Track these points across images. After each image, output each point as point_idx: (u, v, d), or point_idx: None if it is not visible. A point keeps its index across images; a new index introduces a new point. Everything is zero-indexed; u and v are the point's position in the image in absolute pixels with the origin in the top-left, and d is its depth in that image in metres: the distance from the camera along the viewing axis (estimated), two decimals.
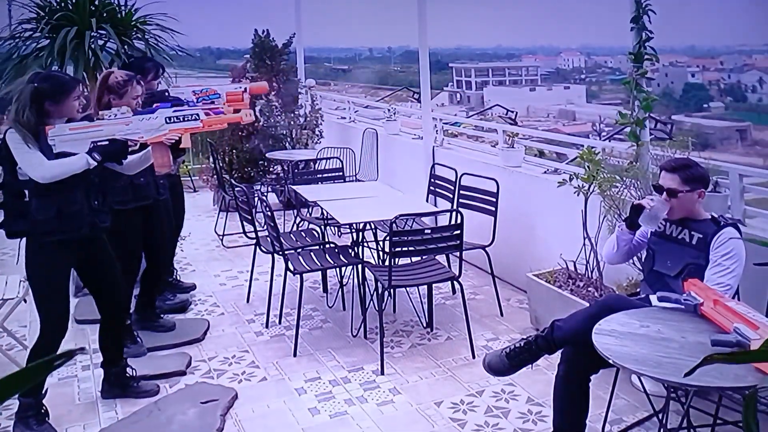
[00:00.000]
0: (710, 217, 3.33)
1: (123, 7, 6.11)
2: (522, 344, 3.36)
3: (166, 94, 4.95)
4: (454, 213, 4.67)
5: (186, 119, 3.77)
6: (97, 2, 5.98)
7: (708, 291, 2.96)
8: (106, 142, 3.60)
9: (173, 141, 3.85)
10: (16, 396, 3.76)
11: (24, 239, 3.68)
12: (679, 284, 3.21)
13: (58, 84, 3.63)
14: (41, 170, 3.46)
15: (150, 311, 4.96)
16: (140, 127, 3.68)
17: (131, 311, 4.80)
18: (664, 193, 3.32)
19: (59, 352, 1.18)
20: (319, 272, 5.49)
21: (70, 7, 5.90)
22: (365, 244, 5.19)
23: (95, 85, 4.48)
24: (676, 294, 3.03)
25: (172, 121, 3.74)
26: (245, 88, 4.87)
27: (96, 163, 3.56)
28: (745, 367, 2.48)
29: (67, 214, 3.59)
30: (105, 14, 6.00)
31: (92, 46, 5.70)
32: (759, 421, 1.41)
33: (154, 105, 4.52)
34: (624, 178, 4.39)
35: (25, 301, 4.37)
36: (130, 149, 3.70)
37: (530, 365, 3.40)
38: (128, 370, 4.14)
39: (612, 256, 3.69)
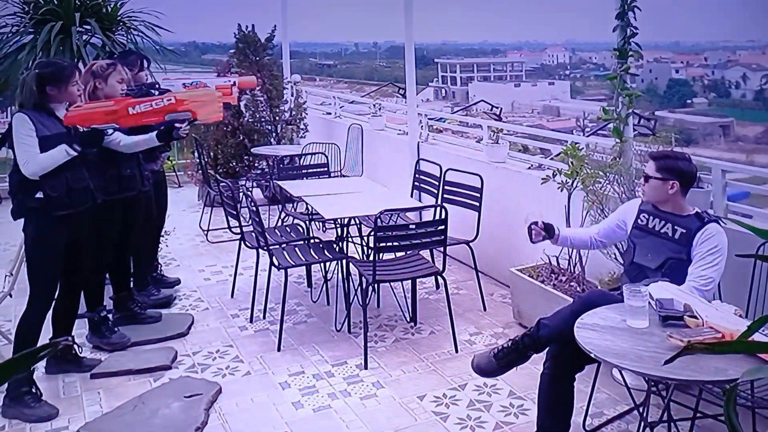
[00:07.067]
0: (694, 212, 3.37)
1: (108, 2, 6.07)
2: (509, 344, 3.37)
3: (157, 86, 4.96)
4: (438, 208, 4.68)
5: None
6: None
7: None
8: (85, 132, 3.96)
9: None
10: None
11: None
12: (658, 276, 3.28)
13: (58, 69, 3.94)
14: (30, 167, 3.76)
15: (132, 306, 4.94)
16: None
17: (112, 310, 4.81)
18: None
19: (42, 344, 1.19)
20: (304, 267, 5.49)
21: (55, 2, 5.86)
22: (350, 239, 5.21)
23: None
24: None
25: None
26: (234, 82, 4.91)
27: (75, 153, 3.84)
28: (725, 361, 2.51)
29: (75, 190, 3.91)
30: (90, 9, 5.96)
31: (77, 41, 5.67)
32: (738, 414, 1.43)
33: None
34: (607, 174, 4.42)
35: (11, 295, 4.36)
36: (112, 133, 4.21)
37: (519, 365, 3.41)
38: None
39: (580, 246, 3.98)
